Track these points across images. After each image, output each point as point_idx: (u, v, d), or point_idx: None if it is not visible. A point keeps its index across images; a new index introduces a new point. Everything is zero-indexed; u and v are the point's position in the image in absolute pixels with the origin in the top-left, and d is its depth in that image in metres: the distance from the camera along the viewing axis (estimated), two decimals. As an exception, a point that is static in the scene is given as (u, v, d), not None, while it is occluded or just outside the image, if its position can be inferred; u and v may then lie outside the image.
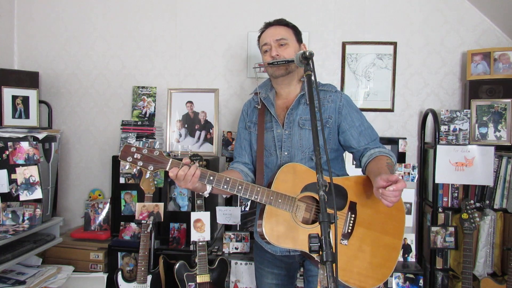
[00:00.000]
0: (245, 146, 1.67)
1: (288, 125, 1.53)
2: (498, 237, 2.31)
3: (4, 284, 2.17)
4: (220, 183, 1.36)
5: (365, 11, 2.70)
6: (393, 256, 1.45)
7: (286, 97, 1.60)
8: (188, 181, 1.32)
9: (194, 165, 1.33)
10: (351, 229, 1.42)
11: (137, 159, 1.32)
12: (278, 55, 1.52)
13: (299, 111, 1.53)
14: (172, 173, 1.32)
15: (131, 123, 2.72)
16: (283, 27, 1.58)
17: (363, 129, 1.54)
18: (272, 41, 1.54)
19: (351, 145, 1.53)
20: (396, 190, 1.19)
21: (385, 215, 1.45)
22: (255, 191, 1.38)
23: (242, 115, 1.72)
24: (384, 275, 1.43)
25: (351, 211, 1.43)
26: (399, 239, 1.47)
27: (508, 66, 2.39)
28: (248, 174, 1.64)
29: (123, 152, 1.32)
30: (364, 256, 1.42)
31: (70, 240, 2.63)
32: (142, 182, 2.29)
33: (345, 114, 1.52)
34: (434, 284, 2.42)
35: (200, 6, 2.84)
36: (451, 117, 2.38)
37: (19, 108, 2.61)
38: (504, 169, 2.34)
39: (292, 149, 1.51)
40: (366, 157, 1.49)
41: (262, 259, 1.65)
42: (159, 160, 1.33)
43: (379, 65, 2.69)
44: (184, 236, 2.51)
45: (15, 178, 2.26)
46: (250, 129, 1.64)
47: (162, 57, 2.89)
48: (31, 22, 2.98)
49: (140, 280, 2.20)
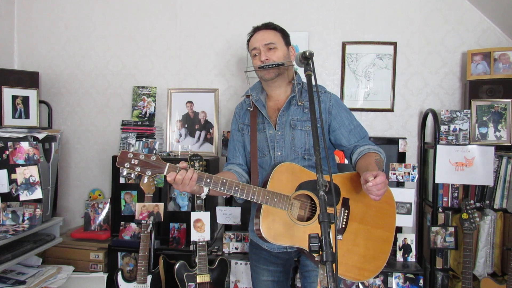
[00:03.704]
0: (239, 148, 1.70)
1: (280, 126, 1.57)
2: (498, 237, 2.31)
3: (4, 284, 2.17)
4: (217, 185, 1.39)
5: (365, 11, 2.70)
6: (385, 249, 1.51)
7: (277, 99, 1.64)
8: (186, 184, 1.35)
9: (191, 169, 1.35)
10: (345, 224, 1.47)
11: (134, 165, 1.34)
12: (267, 59, 1.56)
13: (290, 112, 1.58)
14: (170, 178, 1.34)
15: (131, 123, 2.72)
16: (271, 31, 1.61)
17: (353, 128, 1.59)
18: (261, 45, 1.58)
19: (342, 143, 1.59)
20: (375, 184, 1.25)
21: (377, 209, 1.51)
22: (251, 192, 1.41)
23: (234, 117, 1.76)
24: (377, 267, 1.49)
25: (344, 207, 1.48)
26: (390, 232, 1.53)
27: (508, 66, 2.39)
28: (242, 175, 1.67)
29: (120, 158, 1.34)
30: (358, 250, 1.47)
31: (70, 240, 2.63)
32: (142, 182, 2.29)
33: (334, 114, 1.58)
34: (434, 284, 2.42)
35: (200, 6, 2.84)
36: (451, 117, 2.38)
37: (19, 108, 2.61)
38: (504, 169, 2.34)
39: (285, 149, 1.55)
40: (356, 154, 1.55)
41: (258, 257, 1.68)
42: (157, 165, 1.35)
43: (379, 65, 2.69)
44: (184, 236, 2.51)
45: (15, 178, 2.26)
46: (243, 130, 1.68)
47: (162, 57, 2.89)
48: (31, 22, 2.98)
49: (140, 280, 2.20)
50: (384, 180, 1.27)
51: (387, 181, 1.30)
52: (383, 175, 1.28)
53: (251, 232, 1.69)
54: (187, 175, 1.33)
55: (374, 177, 1.26)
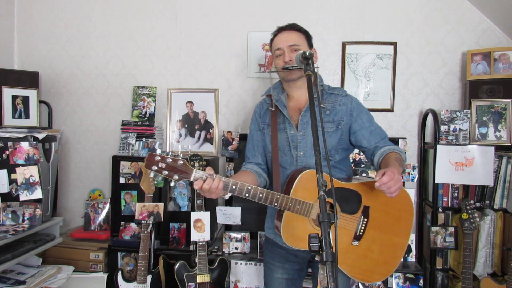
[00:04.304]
0: (258, 147, 1.72)
1: (302, 127, 1.59)
2: (498, 237, 2.31)
3: (4, 284, 2.17)
4: (242, 192, 1.41)
5: (365, 11, 2.70)
6: (398, 254, 1.57)
7: (298, 99, 1.66)
8: (213, 193, 1.36)
9: (217, 176, 1.36)
10: (363, 232, 1.52)
11: (162, 168, 1.33)
12: (291, 60, 1.56)
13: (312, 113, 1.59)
14: (197, 186, 1.35)
15: (131, 123, 2.72)
16: (296, 32, 1.63)
17: (373, 129, 1.62)
18: (285, 46, 1.59)
19: (362, 145, 1.61)
20: (382, 184, 1.29)
21: (396, 217, 1.55)
22: (275, 199, 1.43)
23: (254, 117, 1.77)
24: (388, 271, 1.56)
25: (364, 215, 1.52)
26: (405, 239, 1.58)
27: (508, 66, 2.39)
28: (261, 175, 1.69)
29: (147, 161, 1.33)
30: (372, 256, 1.53)
31: (70, 240, 2.63)
32: (142, 182, 2.29)
33: (355, 116, 1.60)
34: (434, 284, 2.42)
35: (200, 6, 2.84)
36: (451, 117, 2.38)
37: (19, 108, 2.61)
38: (504, 169, 2.34)
39: (308, 149, 1.57)
40: (378, 156, 1.57)
41: (274, 255, 1.70)
42: (183, 170, 1.35)
43: (379, 65, 2.69)
44: (184, 236, 2.51)
45: (15, 178, 2.26)
46: (264, 130, 1.69)
47: (162, 57, 2.89)
48: (31, 22, 2.98)
49: (140, 280, 2.20)
50: (392, 177, 1.29)
51: (397, 176, 1.33)
52: (391, 172, 1.31)
53: (267, 229, 1.72)
54: (213, 183, 1.34)
55: (382, 175, 1.29)
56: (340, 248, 1.50)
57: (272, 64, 1.70)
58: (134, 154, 2.66)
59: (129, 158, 2.61)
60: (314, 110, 1.20)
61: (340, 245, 1.50)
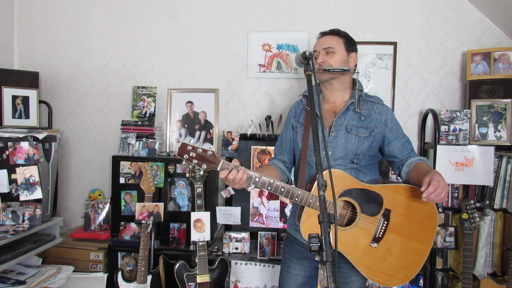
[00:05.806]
0: (286, 145, 1.78)
1: (335, 128, 1.64)
2: (498, 237, 2.31)
3: (4, 284, 2.17)
4: (264, 185, 1.45)
5: (365, 11, 2.70)
6: (419, 261, 1.58)
7: (333, 102, 1.71)
8: (236, 183, 1.42)
9: (242, 168, 1.41)
10: (382, 234, 1.54)
11: (192, 157, 1.39)
12: (323, 62, 1.64)
13: (347, 117, 1.65)
14: (223, 175, 1.41)
15: (131, 123, 2.72)
16: (334, 37, 1.70)
17: (405, 141, 1.69)
18: (320, 49, 1.68)
19: (395, 155, 1.68)
20: (429, 194, 1.36)
21: (417, 223, 1.57)
22: (296, 194, 1.47)
23: (288, 115, 1.82)
24: (407, 277, 1.58)
25: (384, 218, 1.55)
26: (427, 246, 1.59)
27: (508, 66, 2.39)
28: (285, 172, 1.76)
29: (180, 150, 1.40)
30: (391, 259, 1.55)
31: (70, 240, 2.63)
32: (142, 182, 2.29)
33: (391, 127, 1.66)
34: (434, 284, 2.42)
35: (200, 6, 2.84)
36: (451, 117, 2.38)
37: (19, 108, 2.61)
38: (504, 169, 2.34)
39: (337, 150, 1.62)
40: (407, 166, 1.64)
41: (293, 251, 1.74)
42: (212, 160, 1.41)
43: (379, 65, 2.69)
44: (184, 236, 2.51)
45: (15, 178, 2.26)
46: (296, 128, 1.75)
47: (162, 57, 2.89)
48: (31, 22, 2.98)
49: (140, 280, 2.20)
50: (438, 185, 1.36)
51: (443, 182, 1.39)
52: (436, 181, 1.37)
53: (289, 225, 1.78)
54: (238, 175, 1.40)
55: (427, 185, 1.37)
56: (358, 249, 1.53)
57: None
58: (134, 154, 2.66)
59: (129, 158, 2.62)
60: (314, 110, 1.20)
61: (359, 246, 1.53)
